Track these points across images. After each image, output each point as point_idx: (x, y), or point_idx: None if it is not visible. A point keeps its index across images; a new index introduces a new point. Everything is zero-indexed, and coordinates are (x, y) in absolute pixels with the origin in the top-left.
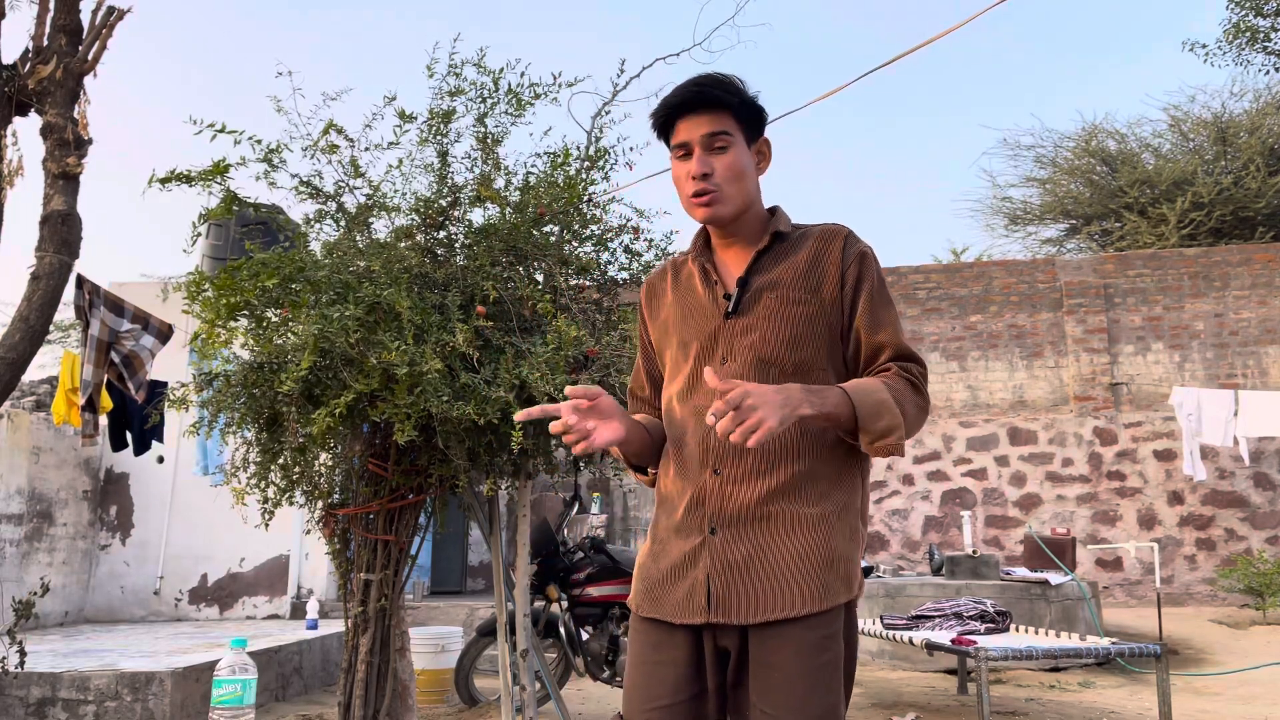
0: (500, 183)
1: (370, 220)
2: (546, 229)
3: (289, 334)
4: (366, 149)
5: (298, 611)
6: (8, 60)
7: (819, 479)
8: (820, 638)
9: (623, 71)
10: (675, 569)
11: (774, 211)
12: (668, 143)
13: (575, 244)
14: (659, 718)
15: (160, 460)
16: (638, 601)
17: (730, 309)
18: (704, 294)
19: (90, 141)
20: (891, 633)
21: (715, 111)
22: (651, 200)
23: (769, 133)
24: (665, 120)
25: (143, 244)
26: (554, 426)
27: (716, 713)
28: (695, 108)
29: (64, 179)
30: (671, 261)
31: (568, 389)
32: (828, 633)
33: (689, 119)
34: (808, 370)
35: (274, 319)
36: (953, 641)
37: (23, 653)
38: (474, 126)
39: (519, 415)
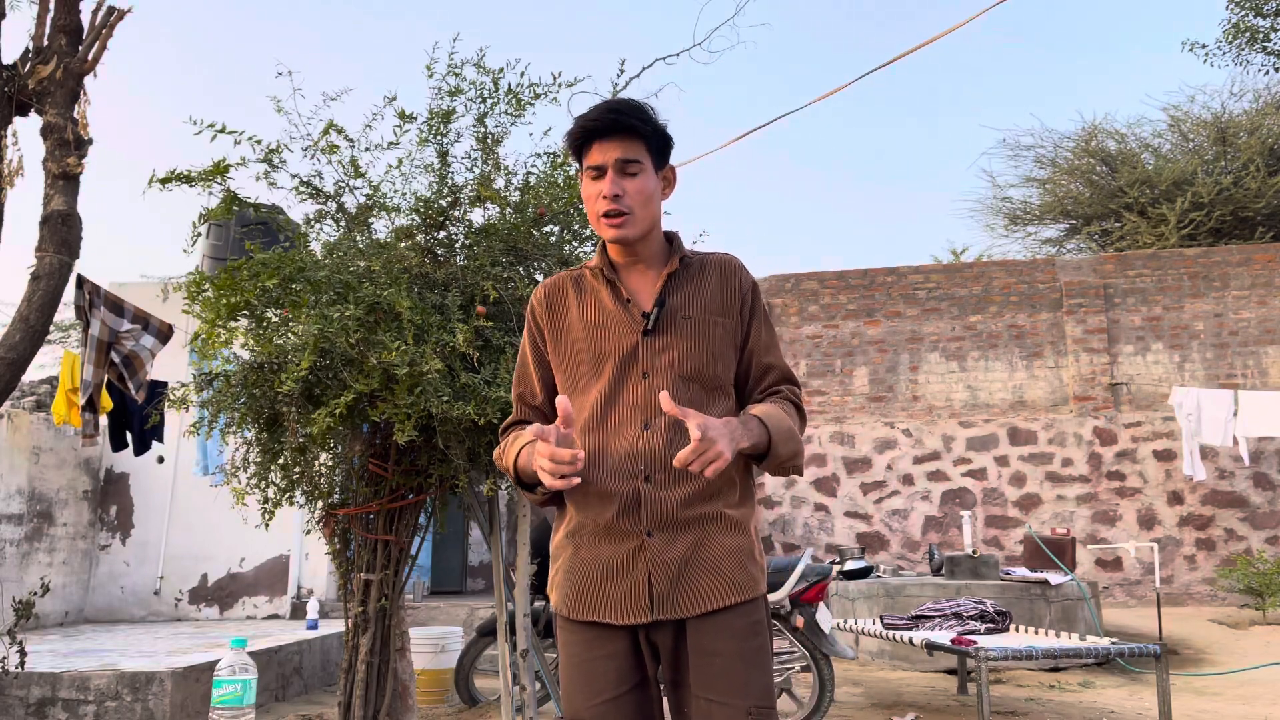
0: (500, 183)
1: (370, 220)
2: (546, 229)
3: (289, 334)
4: (366, 149)
5: (298, 611)
6: (8, 60)
7: (734, 484)
8: (751, 623)
9: (623, 72)
10: (611, 572)
11: (672, 238)
12: (580, 161)
13: (575, 244)
14: (606, 710)
15: (160, 460)
16: (568, 606)
17: (649, 326)
18: (616, 310)
19: (90, 141)
20: (891, 633)
21: (629, 138)
22: None
23: (681, 163)
24: (581, 142)
25: (143, 244)
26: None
27: (659, 698)
28: (611, 133)
29: (64, 179)
30: (569, 274)
31: (561, 454)
32: (756, 619)
33: (604, 142)
34: (718, 385)
35: (274, 319)
36: (953, 641)
37: (23, 653)
38: (474, 126)
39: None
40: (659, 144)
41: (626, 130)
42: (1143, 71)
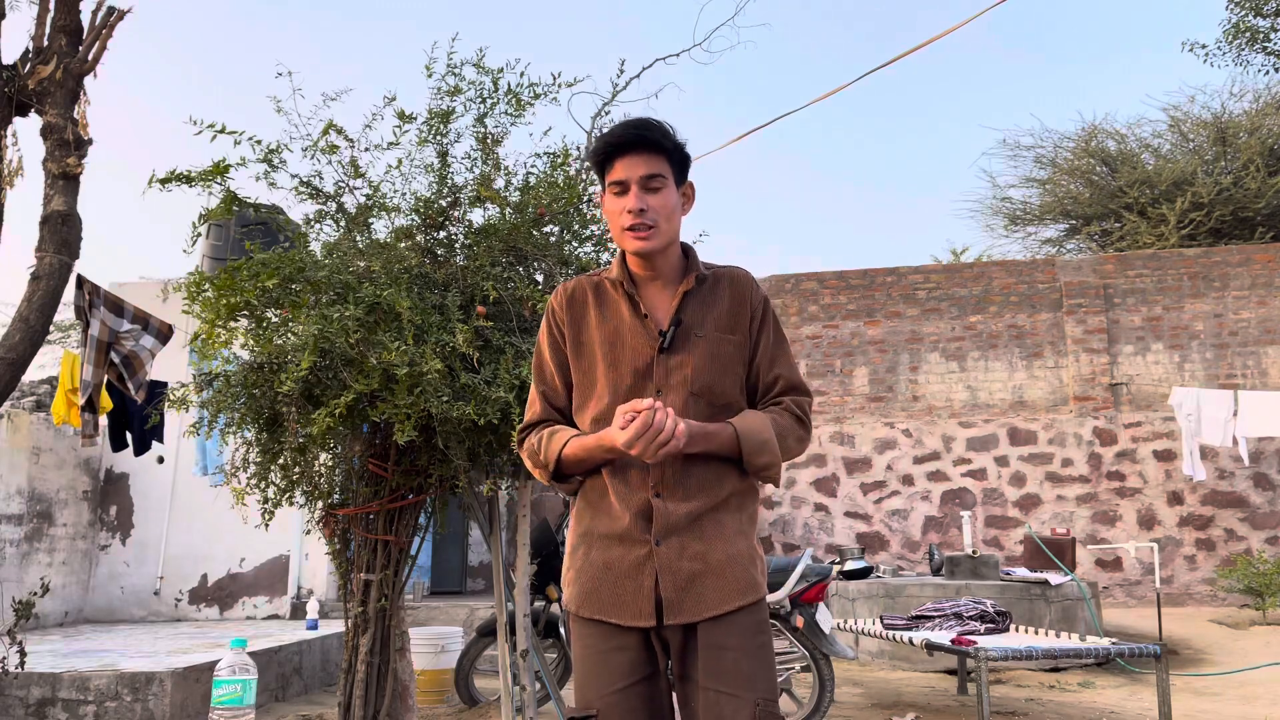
0: (500, 183)
1: (370, 220)
2: (546, 229)
3: (289, 334)
4: (366, 149)
5: (298, 611)
6: (8, 60)
7: (736, 494)
8: (757, 622)
9: (622, 72)
10: (621, 575)
11: (688, 252)
12: (602, 177)
13: (575, 244)
14: (618, 700)
15: (160, 460)
16: (578, 604)
17: (664, 344)
18: (633, 324)
19: (90, 142)
20: (891, 633)
21: (653, 154)
22: None
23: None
24: (604, 158)
25: (143, 244)
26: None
27: (669, 690)
28: (635, 148)
29: (64, 179)
30: (588, 280)
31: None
32: (761, 618)
33: (628, 158)
34: (728, 401)
35: (274, 319)
36: (953, 641)
37: (23, 653)
38: (474, 126)
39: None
40: (680, 160)
41: (650, 146)
42: (1143, 71)
